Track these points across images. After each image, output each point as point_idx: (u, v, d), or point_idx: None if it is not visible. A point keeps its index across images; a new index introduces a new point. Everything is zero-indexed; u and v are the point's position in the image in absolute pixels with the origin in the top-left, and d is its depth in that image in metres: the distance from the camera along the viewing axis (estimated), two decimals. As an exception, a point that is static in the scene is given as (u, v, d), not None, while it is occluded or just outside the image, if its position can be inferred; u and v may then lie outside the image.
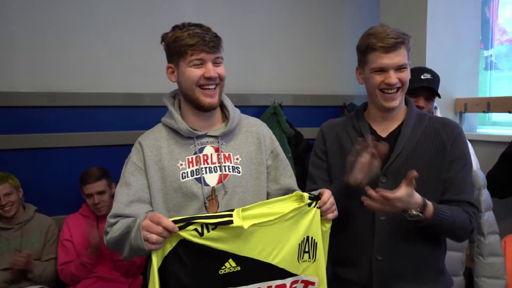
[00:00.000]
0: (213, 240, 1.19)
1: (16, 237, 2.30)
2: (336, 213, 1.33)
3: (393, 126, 1.48)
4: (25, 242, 2.31)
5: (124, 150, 1.50)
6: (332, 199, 1.32)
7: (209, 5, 2.90)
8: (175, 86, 1.46)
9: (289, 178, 1.53)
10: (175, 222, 1.16)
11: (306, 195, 1.29)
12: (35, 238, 2.35)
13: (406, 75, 1.41)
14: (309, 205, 1.30)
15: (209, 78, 1.35)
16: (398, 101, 1.42)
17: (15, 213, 2.31)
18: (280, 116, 3.07)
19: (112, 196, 2.40)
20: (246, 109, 1.61)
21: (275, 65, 3.13)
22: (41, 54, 2.52)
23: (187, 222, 1.17)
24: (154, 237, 1.13)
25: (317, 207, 1.31)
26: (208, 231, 1.18)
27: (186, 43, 1.32)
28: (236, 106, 1.54)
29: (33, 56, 2.51)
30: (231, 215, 1.20)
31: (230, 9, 2.97)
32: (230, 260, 1.23)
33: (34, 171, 2.53)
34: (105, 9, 2.64)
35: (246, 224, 1.20)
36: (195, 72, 1.35)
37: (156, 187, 1.39)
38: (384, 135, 1.48)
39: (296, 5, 3.16)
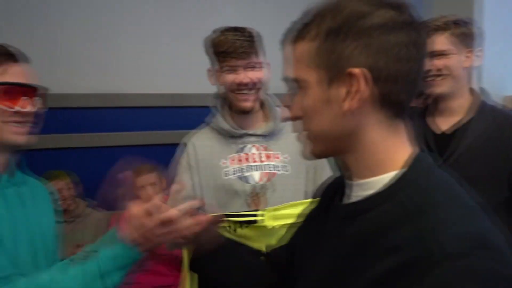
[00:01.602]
0: (244, 238, 1.24)
1: (69, 230, 2.44)
2: None
3: (452, 120, 1.43)
4: (79, 235, 2.45)
5: (171, 149, 1.56)
6: None
7: (251, 7, 2.94)
8: (219, 87, 1.50)
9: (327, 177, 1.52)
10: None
11: None
12: (88, 231, 2.48)
13: (446, 62, 1.38)
14: None
15: (240, 84, 1.37)
16: (441, 88, 1.38)
17: (74, 208, 2.46)
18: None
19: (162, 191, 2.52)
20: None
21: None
22: (96, 58, 2.67)
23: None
24: None
25: None
26: (241, 229, 1.25)
27: (217, 50, 1.36)
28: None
29: (89, 60, 2.66)
30: (261, 215, 1.26)
31: (271, 8, 3.01)
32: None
33: (89, 168, 2.66)
34: (152, 13, 2.75)
35: (273, 224, 1.25)
36: (227, 78, 1.38)
37: (204, 184, 1.44)
38: (440, 131, 1.42)
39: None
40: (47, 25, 2.55)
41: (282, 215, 1.28)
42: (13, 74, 0.98)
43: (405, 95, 0.64)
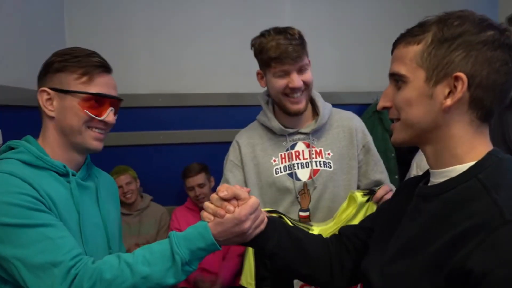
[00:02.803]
0: None
1: (135, 222, 2.60)
2: None
3: None
4: (143, 227, 2.60)
5: (227, 147, 1.61)
6: (388, 196, 1.30)
7: (307, 6, 2.94)
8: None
9: (380, 173, 1.51)
10: (267, 212, 1.28)
11: (358, 195, 1.33)
12: (151, 224, 2.62)
13: None
14: (367, 200, 1.34)
15: (294, 88, 1.36)
16: None
17: (135, 201, 2.60)
18: (383, 113, 2.98)
19: (211, 189, 2.61)
20: (346, 108, 1.60)
21: (377, 61, 3.04)
22: (156, 60, 2.79)
23: (275, 212, 1.32)
24: None
25: (373, 202, 1.34)
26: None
27: (269, 56, 1.34)
28: (335, 105, 1.55)
29: (149, 63, 2.79)
30: (308, 228, 1.30)
31: (327, 8, 2.99)
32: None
33: (150, 164, 2.81)
34: (208, 18, 2.82)
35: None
36: (280, 82, 1.37)
37: (252, 182, 1.48)
38: None
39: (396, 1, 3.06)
40: (115, 28, 2.71)
41: (326, 229, 1.33)
42: (100, 84, 1.05)
43: (496, 103, 0.76)
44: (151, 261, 0.93)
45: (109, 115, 1.06)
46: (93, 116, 1.03)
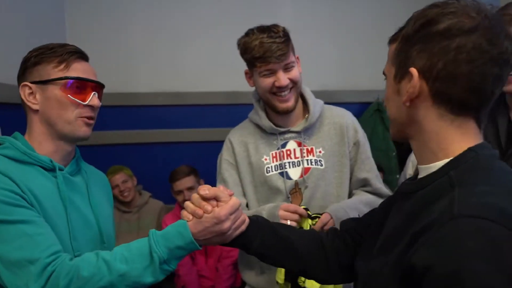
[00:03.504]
0: None
1: (135, 219, 2.63)
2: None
3: None
4: (142, 224, 2.62)
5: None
6: (328, 226, 1.31)
7: (307, 6, 2.95)
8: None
9: (366, 172, 1.49)
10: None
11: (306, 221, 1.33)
12: (150, 220, 2.65)
13: None
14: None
15: (280, 87, 1.35)
16: None
17: (133, 198, 2.63)
18: (384, 113, 2.98)
19: None
20: (347, 107, 1.59)
21: (377, 60, 3.03)
22: (156, 59, 2.83)
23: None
24: (294, 224, 1.29)
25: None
26: None
27: (253, 56, 1.33)
28: (336, 104, 1.54)
29: (149, 62, 2.82)
30: None
31: (327, 8, 3.00)
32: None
33: (151, 163, 2.84)
34: (207, 17, 2.85)
35: None
36: (266, 82, 1.36)
37: (246, 181, 1.48)
38: None
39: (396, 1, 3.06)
40: (115, 28, 2.74)
41: None
42: (77, 69, 1.05)
43: (468, 94, 0.70)
44: (129, 259, 0.92)
45: (93, 99, 1.06)
46: (78, 101, 1.04)
